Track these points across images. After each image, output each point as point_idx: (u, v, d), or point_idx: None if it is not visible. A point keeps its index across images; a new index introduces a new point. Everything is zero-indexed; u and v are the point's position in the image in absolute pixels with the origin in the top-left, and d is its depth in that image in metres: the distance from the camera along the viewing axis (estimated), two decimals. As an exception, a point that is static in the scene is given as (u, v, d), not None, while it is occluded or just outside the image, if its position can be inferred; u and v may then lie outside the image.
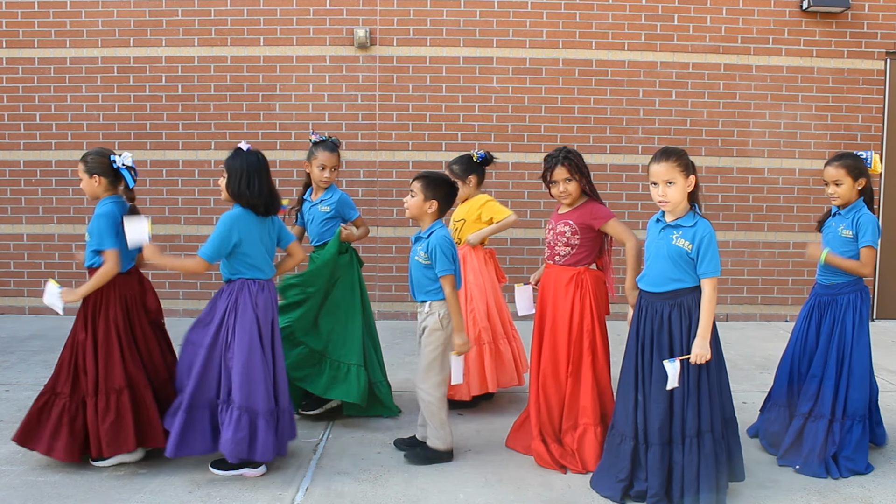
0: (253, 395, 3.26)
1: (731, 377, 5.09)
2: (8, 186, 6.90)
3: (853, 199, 3.57)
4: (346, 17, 6.78)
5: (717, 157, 6.93)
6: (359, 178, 6.88)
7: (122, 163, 3.43)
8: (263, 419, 3.26)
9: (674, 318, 3.06)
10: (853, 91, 6.91)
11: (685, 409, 3.03)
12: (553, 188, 3.53)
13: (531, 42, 6.82)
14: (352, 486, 3.32)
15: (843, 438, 3.48)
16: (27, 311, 6.94)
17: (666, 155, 3.04)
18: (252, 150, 3.39)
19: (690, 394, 3.03)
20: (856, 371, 3.48)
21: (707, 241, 3.00)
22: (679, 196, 3.04)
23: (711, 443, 3.03)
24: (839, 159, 3.59)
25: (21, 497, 3.16)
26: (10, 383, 4.81)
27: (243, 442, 3.23)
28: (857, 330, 3.52)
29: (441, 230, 3.48)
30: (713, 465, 3.02)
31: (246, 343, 3.25)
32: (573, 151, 3.51)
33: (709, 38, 6.85)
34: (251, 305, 3.30)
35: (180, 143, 6.87)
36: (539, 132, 6.81)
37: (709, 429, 3.04)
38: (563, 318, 3.49)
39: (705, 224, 3.03)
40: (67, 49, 6.80)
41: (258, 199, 3.33)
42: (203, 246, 3.29)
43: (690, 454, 3.02)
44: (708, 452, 3.02)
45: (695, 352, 2.98)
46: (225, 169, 3.37)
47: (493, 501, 3.19)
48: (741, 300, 7.06)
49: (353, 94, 6.83)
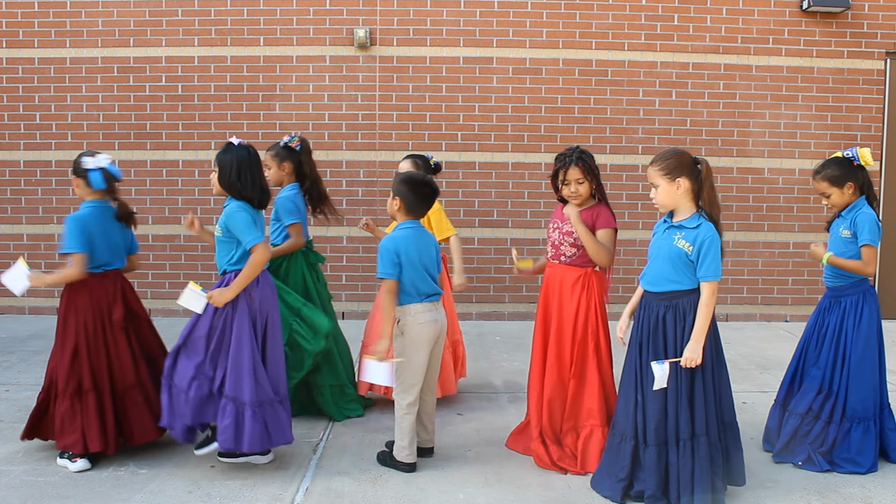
0: (240, 386, 3.25)
1: (731, 377, 5.10)
2: (8, 186, 6.91)
3: (848, 202, 3.55)
4: (346, 17, 6.78)
5: (717, 157, 6.93)
6: (359, 178, 6.88)
7: (91, 164, 3.42)
8: (251, 409, 3.25)
9: (668, 320, 3.05)
10: (853, 91, 6.91)
11: (678, 412, 3.03)
12: (564, 188, 3.48)
13: (531, 42, 6.82)
14: (352, 486, 3.32)
15: (840, 440, 3.47)
16: (27, 311, 6.94)
17: (653, 160, 3.09)
18: (243, 144, 3.42)
19: (682, 396, 3.01)
20: (853, 373, 3.47)
21: (708, 244, 2.97)
22: (665, 199, 3.06)
23: (707, 446, 3.01)
24: (820, 171, 3.57)
25: (21, 497, 3.16)
26: (10, 383, 4.80)
27: (228, 430, 3.23)
28: (855, 332, 3.49)
29: (397, 231, 3.44)
30: (708, 469, 3.01)
31: (237, 334, 3.26)
32: (586, 152, 3.46)
33: (709, 38, 6.85)
34: (245, 297, 3.31)
35: (180, 143, 6.87)
36: (539, 132, 6.81)
37: (703, 432, 3.01)
38: (568, 318, 3.47)
39: (708, 227, 3.00)
40: (67, 49, 6.80)
41: (251, 191, 3.35)
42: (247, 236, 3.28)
43: (684, 457, 3.01)
44: (703, 455, 3.00)
45: (686, 355, 2.97)
46: (217, 163, 3.39)
47: (493, 501, 3.18)
48: (741, 300, 7.06)
49: (353, 94, 6.83)
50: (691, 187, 3.03)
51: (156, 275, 6.92)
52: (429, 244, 3.48)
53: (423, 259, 3.41)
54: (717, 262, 2.98)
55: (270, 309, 3.41)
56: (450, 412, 4.33)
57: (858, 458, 3.46)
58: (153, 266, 6.91)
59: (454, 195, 6.83)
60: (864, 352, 3.48)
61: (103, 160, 3.46)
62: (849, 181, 3.51)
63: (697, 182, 3.03)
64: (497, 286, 6.97)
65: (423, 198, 3.45)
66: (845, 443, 3.47)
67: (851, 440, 3.47)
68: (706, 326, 2.99)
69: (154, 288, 6.93)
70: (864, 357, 3.48)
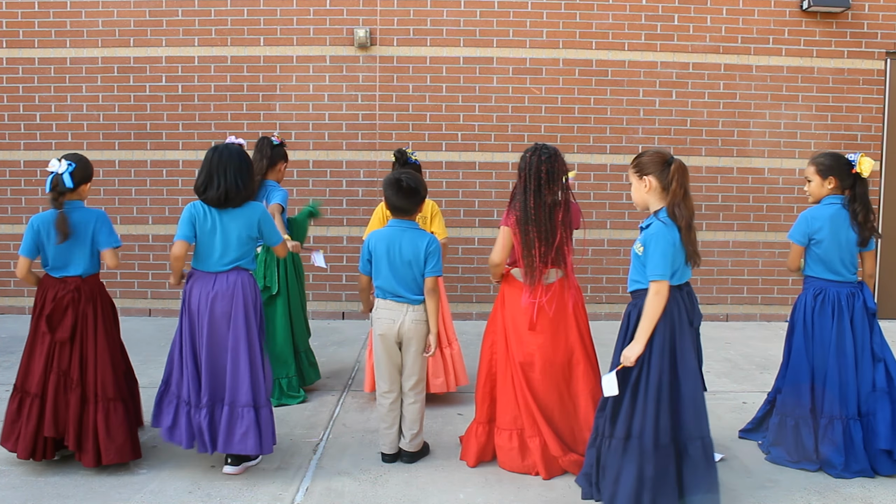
0: (168, 371, 3.46)
1: (732, 377, 5.12)
2: (8, 186, 6.90)
3: (824, 195, 3.59)
4: (346, 17, 6.78)
5: (717, 157, 6.93)
6: (359, 178, 6.88)
7: (50, 169, 3.43)
8: (168, 396, 3.42)
9: (632, 319, 3.04)
10: (853, 91, 6.91)
11: (616, 411, 2.98)
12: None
13: (531, 42, 6.82)
14: (352, 486, 3.32)
15: (822, 436, 3.47)
16: (27, 311, 6.94)
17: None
18: (220, 146, 3.45)
19: (622, 397, 2.96)
20: (818, 371, 3.52)
21: (653, 243, 2.93)
22: (636, 196, 3.14)
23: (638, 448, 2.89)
24: (816, 158, 3.64)
25: (21, 497, 3.16)
26: (10, 383, 4.79)
27: (155, 403, 3.45)
28: (803, 330, 3.59)
29: (383, 229, 3.57)
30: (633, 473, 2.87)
31: (176, 329, 3.46)
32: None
33: (709, 38, 6.85)
34: (184, 291, 3.45)
35: (180, 143, 6.87)
36: (539, 132, 6.80)
37: (638, 434, 2.90)
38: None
39: (656, 225, 2.97)
40: (67, 49, 6.80)
41: (210, 191, 3.35)
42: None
43: (612, 454, 2.94)
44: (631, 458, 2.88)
45: (624, 354, 2.95)
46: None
47: (493, 501, 3.19)
48: (741, 300, 7.06)
49: (353, 94, 6.83)
50: (659, 186, 3.04)
51: (156, 275, 6.92)
52: (403, 245, 3.47)
53: (392, 258, 3.46)
54: (661, 260, 2.90)
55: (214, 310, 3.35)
56: (450, 412, 4.33)
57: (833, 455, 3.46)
58: (153, 266, 6.90)
59: (454, 195, 6.83)
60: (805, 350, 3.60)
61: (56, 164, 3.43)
62: (832, 176, 3.55)
63: (666, 181, 3.01)
64: (497, 286, 6.95)
65: (396, 195, 3.50)
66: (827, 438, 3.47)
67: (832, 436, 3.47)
68: (648, 328, 2.91)
69: (154, 288, 6.93)
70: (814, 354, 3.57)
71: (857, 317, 3.54)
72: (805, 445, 3.50)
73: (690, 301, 3.08)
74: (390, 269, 3.47)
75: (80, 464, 3.41)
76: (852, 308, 3.54)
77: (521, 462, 3.45)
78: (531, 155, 3.39)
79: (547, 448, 3.40)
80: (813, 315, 3.58)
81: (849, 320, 3.52)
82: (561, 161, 3.42)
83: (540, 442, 3.40)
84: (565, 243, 3.39)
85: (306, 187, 6.76)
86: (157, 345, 5.67)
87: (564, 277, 3.45)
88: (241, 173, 3.37)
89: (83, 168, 3.46)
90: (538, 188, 3.35)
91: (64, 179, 3.38)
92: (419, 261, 3.47)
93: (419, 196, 3.53)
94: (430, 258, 3.48)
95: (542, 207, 3.34)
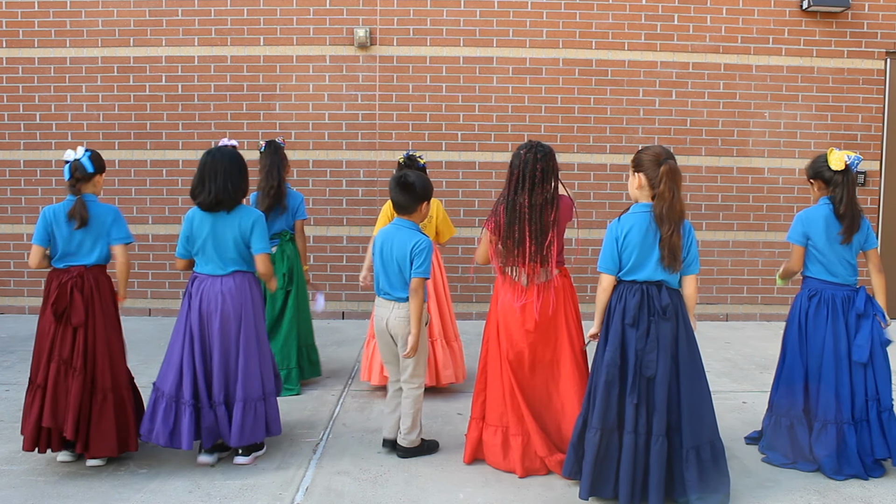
0: (163, 376, 3.42)
1: (732, 377, 5.12)
2: (8, 186, 6.90)
3: (817, 198, 3.65)
4: (346, 17, 6.78)
5: (717, 157, 6.93)
6: (359, 178, 6.88)
7: (66, 158, 3.46)
8: (164, 402, 3.37)
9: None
10: (853, 91, 6.91)
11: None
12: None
13: (531, 42, 6.82)
14: (352, 485, 3.32)
15: (815, 438, 3.46)
16: (27, 311, 6.94)
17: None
18: (213, 150, 3.50)
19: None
20: (812, 372, 3.54)
21: (605, 237, 3.17)
22: (630, 190, 3.23)
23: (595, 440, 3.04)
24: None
25: (21, 497, 3.16)
26: (10, 383, 4.80)
27: (146, 415, 3.42)
28: (798, 330, 3.62)
29: (387, 226, 3.67)
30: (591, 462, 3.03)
31: (175, 328, 3.47)
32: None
33: (709, 38, 6.85)
34: (188, 295, 3.48)
35: (180, 143, 6.87)
36: (539, 132, 6.80)
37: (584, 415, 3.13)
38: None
39: (614, 222, 3.18)
40: (67, 49, 6.80)
41: (202, 196, 3.41)
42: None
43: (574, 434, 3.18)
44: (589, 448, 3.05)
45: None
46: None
47: (493, 501, 3.19)
48: (741, 300, 7.06)
49: (353, 93, 6.83)
50: (648, 184, 3.09)
51: (156, 275, 6.92)
52: (394, 243, 3.51)
53: (384, 256, 3.55)
54: (605, 252, 3.16)
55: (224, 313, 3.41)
56: (450, 412, 4.33)
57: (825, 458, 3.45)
58: (153, 266, 6.90)
59: (454, 195, 6.83)
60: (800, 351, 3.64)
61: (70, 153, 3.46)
62: (814, 178, 3.64)
63: (654, 181, 3.04)
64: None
65: (394, 190, 3.57)
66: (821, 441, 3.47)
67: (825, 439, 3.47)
68: (597, 313, 3.19)
69: (154, 288, 6.93)
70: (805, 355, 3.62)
71: (852, 321, 3.52)
72: (801, 445, 3.50)
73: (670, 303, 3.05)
74: (382, 266, 3.57)
75: (80, 464, 3.42)
76: (847, 311, 3.53)
77: (503, 459, 3.46)
78: (526, 152, 3.39)
79: (530, 446, 3.40)
80: (807, 316, 3.59)
81: (843, 323, 3.51)
82: (555, 160, 3.44)
83: (522, 441, 3.41)
84: (555, 242, 3.37)
85: (306, 187, 6.76)
86: (156, 345, 5.67)
87: (557, 276, 3.44)
88: (231, 177, 3.41)
89: (99, 157, 3.52)
90: (532, 187, 3.34)
91: (84, 164, 3.42)
92: (405, 260, 3.48)
93: (415, 192, 3.53)
94: (416, 258, 3.46)
95: (534, 206, 3.32)
